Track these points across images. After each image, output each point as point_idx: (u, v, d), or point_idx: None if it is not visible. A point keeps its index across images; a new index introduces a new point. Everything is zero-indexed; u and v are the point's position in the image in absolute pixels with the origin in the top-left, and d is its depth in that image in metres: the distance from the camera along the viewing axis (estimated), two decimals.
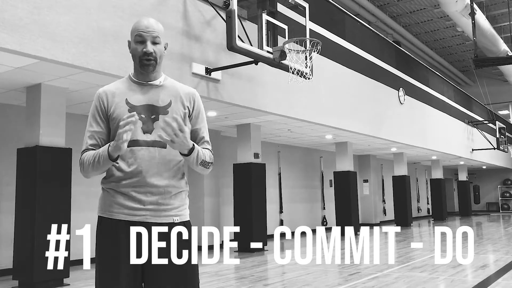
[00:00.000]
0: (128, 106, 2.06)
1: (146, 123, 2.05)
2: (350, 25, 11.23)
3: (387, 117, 12.65)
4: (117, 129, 1.96)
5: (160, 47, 2.10)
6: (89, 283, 6.29)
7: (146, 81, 2.13)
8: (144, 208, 2.02)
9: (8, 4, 4.70)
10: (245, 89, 7.64)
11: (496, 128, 19.74)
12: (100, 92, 2.13)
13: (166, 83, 2.17)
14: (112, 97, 2.10)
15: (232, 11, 6.00)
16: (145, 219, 2.01)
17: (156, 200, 2.03)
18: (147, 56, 2.06)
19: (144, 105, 2.08)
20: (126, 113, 2.02)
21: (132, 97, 2.09)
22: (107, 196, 2.06)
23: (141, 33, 2.06)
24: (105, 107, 2.09)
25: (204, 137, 2.18)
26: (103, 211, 2.06)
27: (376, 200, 17.52)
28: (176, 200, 2.08)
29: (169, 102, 2.10)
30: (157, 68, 2.12)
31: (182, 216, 2.10)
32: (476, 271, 6.71)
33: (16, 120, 7.32)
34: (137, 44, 2.08)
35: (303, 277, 6.42)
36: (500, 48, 17.21)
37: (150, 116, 2.07)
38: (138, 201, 2.01)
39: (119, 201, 2.03)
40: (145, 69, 2.09)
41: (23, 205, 6.12)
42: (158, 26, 2.11)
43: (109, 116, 2.08)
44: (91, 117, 2.12)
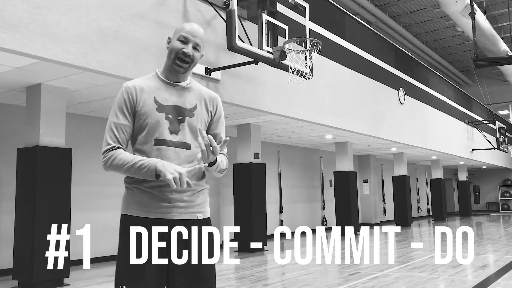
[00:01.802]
0: (156, 105, 2.09)
1: (172, 124, 2.09)
2: (350, 25, 11.23)
3: (387, 117, 12.64)
4: (142, 125, 2.05)
5: (198, 54, 2.16)
6: (89, 283, 6.30)
7: (174, 82, 2.17)
8: (170, 205, 2.06)
9: (8, 4, 4.70)
10: (245, 89, 7.64)
11: (496, 128, 19.74)
12: (130, 86, 2.13)
13: (192, 85, 2.22)
14: (141, 93, 2.11)
15: (232, 11, 6.00)
16: (170, 216, 2.06)
17: (181, 198, 2.08)
18: (185, 56, 2.11)
19: (172, 105, 2.11)
20: (154, 111, 2.07)
21: (160, 96, 2.11)
22: (131, 195, 2.09)
23: (187, 35, 2.12)
24: (134, 102, 2.10)
25: (222, 142, 2.21)
26: (128, 209, 2.09)
27: (376, 200, 17.52)
28: (198, 197, 2.14)
29: (195, 105, 2.16)
30: (188, 72, 2.17)
31: (205, 213, 2.17)
32: (476, 271, 6.71)
33: (16, 120, 7.32)
34: (177, 42, 2.12)
35: (303, 277, 6.42)
36: (500, 48, 17.21)
37: (176, 117, 2.11)
38: (163, 199, 2.05)
39: (144, 199, 2.06)
40: (177, 69, 2.13)
41: (23, 205, 6.12)
42: (202, 34, 2.17)
43: (136, 111, 2.09)
44: (118, 109, 2.10)
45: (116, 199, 8.98)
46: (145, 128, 2.08)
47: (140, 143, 2.09)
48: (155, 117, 2.07)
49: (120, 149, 2.07)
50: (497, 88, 27.89)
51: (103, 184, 8.51)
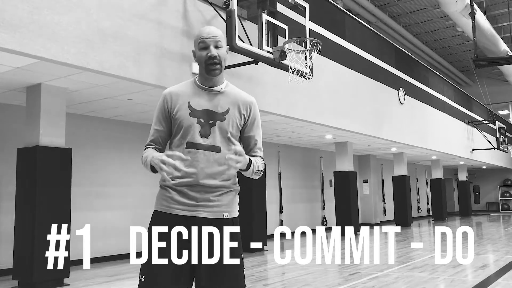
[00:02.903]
0: (190, 110, 2.20)
1: (204, 127, 2.19)
2: (350, 25, 11.23)
3: (387, 117, 12.64)
4: (177, 129, 2.20)
5: (223, 50, 2.23)
6: (89, 283, 6.29)
7: (209, 87, 2.26)
8: (197, 204, 2.16)
9: (8, 4, 4.70)
10: (245, 89, 7.60)
11: (496, 128, 19.74)
12: (166, 93, 2.27)
13: (227, 90, 2.30)
14: (176, 99, 2.23)
15: (232, 11, 6.00)
16: (197, 214, 2.16)
17: (208, 197, 2.17)
18: (212, 59, 2.19)
19: (204, 110, 2.21)
20: (187, 116, 2.19)
21: (194, 101, 2.22)
22: (164, 193, 2.21)
23: (204, 39, 2.19)
24: (169, 108, 2.23)
25: (257, 144, 2.32)
26: (159, 206, 2.22)
27: (376, 200, 17.52)
28: (226, 198, 2.22)
29: (227, 109, 2.24)
30: (222, 74, 2.26)
31: (232, 213, 2.25)
32: (476, 271, 6.71)
33: (16, 120, 7.32)
34: (201, 51, 2.21)
35: (303, 277, 6.42)
36: (500, 48, 17.21)
37: (208, 121, 2.20)
38: (191, 198, 2.16)
39: (175, 197, 2.18)
40: (212, 73, 2.21)
41: (23, 205, 6.11)
42: (218, 31, 2.24)
43: (171, 116, 2.23)
44: (155, 115, 2.28)
45: (116, 199, 9.01)
46: (179, 132, 2.21)
47: (175, 146, 2.23)
48: (187, 121, 2.19)
49: (149, 148, 2.24)
50: (497, 88, 27.89)
51: (103, 184, 8.51)
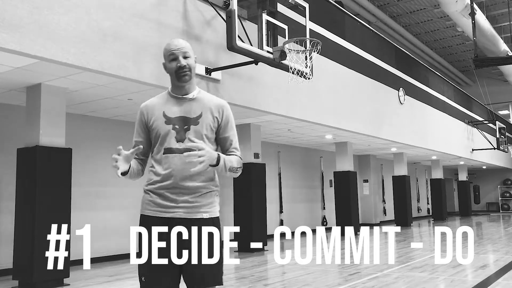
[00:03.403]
0: (165, 118, 2.35)
1: (179, 133, 2.32)
2: (350, 25, 11.23)
3: (387, 117, 12.64)
4: (155, 137, 2.35)
5: (191, 60, 2.38)
6: (89, 283, 6.29)
7: (181, 95, 2.40)
8: (177, 206, 2.29)
9: (8, 4, 4.70)
10: (245, 89, 7.64)
11: (496, 128, 19.73)
12: (142, 107, 2.45)
13: (199, 96, 2.43)
14: (152, 111, 2.40)
15: (232, 11, 6.00)
16: (178, 215, 2.28)
17: (187, 199, 2.29)
18: (182, 69, 2.34)
19: (178, 116, 2.35)
20: (163, 124, 2.34)
21: (168, 110, 2.37)
22: (147, 197, 2.36)
23: (173, 51, 2.35)
24: (146, 120, 2.40)
25: (232, 144, 2.43)
26: (143, 209, 2.36)
27: (376, 200, 17.51)
28: (205, 198, 2.33)
29: (200, 113, 2.36)
30: (192, 81, 2.40)
31: (211, 213, 2.35)
32: (476, 271, 6.71)
33: (16, 120, 7.32)
34: (171, 62, 2.37)
35: (303, 277, 6.42)
36: (500, 48, 17.21)
37: (183, 126, 2.33)
38: (171, 200, 2.29)
39: (156, 200, 2.31)
40: (182, 80, 2.36)
41: (23, 205, 6.11)
42: (186, 44, 2.40)
43: (149, 127, 2.39)
44: (135, 129, 2.46)
45: (116, 199, 9.01)
46: (157, 140, 2.35)
47: (155, 153, 2.37)
48: (164, 129, 2.33)
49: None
50: (497, 88, 27.89)
51: (103, 184, 8.51)
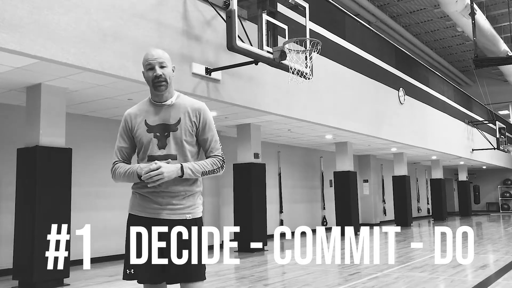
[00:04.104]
0: (146, 127, 2.46)
1: (161, 140, 2.43)
2: (350, 25, 11.23)
3: (387, 117, 12.64)
4: (139, 145, 2.46)
5: (168, 69, 2.48)
6: (89, 283, 6.29)
7: (160, 102, 2.50)
8: (161, 207, 2.42)
9: (8, 4, 4.70)
10: (245, 89, 7.64)
11: (496, 128, 19.73)
12: (126, 115, 2.55)
13: (178, 101, 2.51)
14: (135, 118, 2.50)
15: (232, 11, 6.00)
16: (161, 217, 2.41)
17: (171, 201, 2.42)
18: (158, 78, 2.44)
19: (159, 124, 2.46)
20: (145, 133, 2.45)
21: (149, 118, 2.48)
22: (134, 198, 2.50)
23: (150, 61, 2.46)
24: (130, 128, 2.51)
25: (211, 145, 2.52)
26: (131, 209, 2.50)
27: (376, 200, 17.51)
28: (188, 200, 2.46)
29: (178, 119, 2.46)
30: (169, 89, 2.48)
31: (194, 214, 2.47)
32: (476, 271, 6.71)
33: (16, 120, 7.32)
34: (148, 71, 2.46)
35: (303, 277, 6.42)
36: (500, 48, 17.21)
37: (163, 133, 2.44)
38: (156, 202, 2.42)
39: (141, 202, 2.45)
40: (158, 90, 2.45)
41: (23, 205, 6.11)
42: (163, 54, 2.50)
43: (133, 134, 2.50)
44: (119, 135, 2.55)
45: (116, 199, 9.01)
46: (141, 148, 2.47)
47: (140, 159, 2.50)
48: (146, 137, 2.45)
49: (119, 162, 2.51)
50: (497, 88, 27.88)
51: (103, 184, 8.51)
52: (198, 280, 2.39)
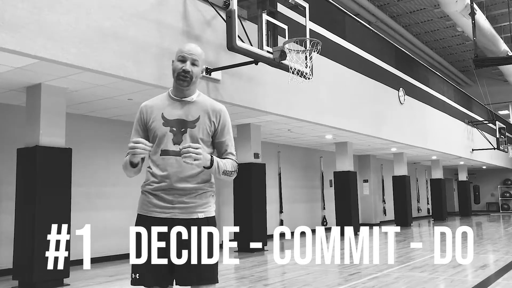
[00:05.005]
0: (163, 120, 2.40)
1: (176, 135, 2.37)
2: (350, 25, 11.23)
3: (387, 117, 12.64)
4: (153, 138, 2.39)
5: (197, 69, 2.43)
6: (89, 283, 6.30)
7: (180, 97, 2.45)
8: (173, 206, 2.34)
9: (8, 4, 4.70)
10: (245, 89, 7.64)
11: (496, 128, 19.73)
12: (142, 107, 2.49)
13: (198, 99, 2.48)
14: (151, 111, 2.44)
15: (232, 11, 6.00)
16: (173, 216, 2.33)
17: (183, 200, 2.35)
18: (185, 73, 2.39)
19: (176, 119, 2.40)
20: (161, 126, 2.39)
21: (166, 111, 2.42)
22: (144, 197, 2.41)
23: (184, 54, 2.40)
24: (145, 120, 2.45)
25: (228, 148, 2.48)
26: (140, 209, 2.41)
27: (376, 200, 17.51)
28: (200, 199, 2.38)
29: (197, 117, 2.41)
30: (192, 87, 2.44)
31: (207, 213, 2.40)
32: (476, 271, 6.72)
33: (16, 120, 7.32)
34: (178, 62, 2.41)
35: (303, 277, 6.42)
36: (500, 48, 17.21)
37: (180, 129, 2.38)
38: (167, 201, 2.35)
39: (152, 201, 2.37)
40: (181, 84, 2.40)
41: (23, 205, 6.12)
42: (200, 52, 2.45)
43: (147, 127, 2.44)
44: (134, 128, 2.49)
45: (116, 199, 9.01)
46: (155, 141, 2.39)
47: (152, 154, 2.39)
48: (161, 131, 2.38)
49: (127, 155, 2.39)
50: (497, 88, 27.88)
51: (103, 184, 8.51)
52: (210, 283, 2.31)
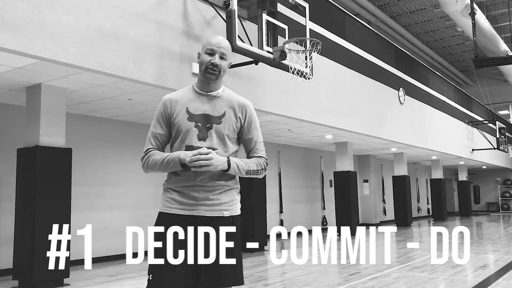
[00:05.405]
0: (188, 115, 2.32)
1: (201, 131, 2.30)
2: (350, 25, 11.23)
3: (387, 117, 12.65)
4: (176, 133, 2.31)
5: (226, 63, 2.37)
6: (89, 283, 6.30)
7: (206, 92, 2.37)
8: (197, 203, 2.27)
9: (8, 4, 4.70)
10: (245, 89, 7.64)
11: (496, 128, 19.73)
12: (166, 99, 2.40)
13: (224, 94, 2.40)
14: (175, 105, 2.36)
15: (232, 11, 6.00)
16: (197, 213, 2.26)
17: (208, 196, 2.27)
18: (213, 66, 2.32)
19: (201, 114, 2.32)
20: (185, 121, 2.31)
21: (191, 106, 2.34)
22: (166, 194, 2.33)
23: (213, 47, 2.34)
24: (169, 113, 2.35)
25: (256, 145, 2.41)
26: (162, 207, 2.33)
27: (376, 200, 17.51)
28: (225, 196, 2.31)
29: (223, 112, 2.35)
30: (218, 81, 2.37)
31: (232, 211, 2.34)
32: (476, 271, 6.72)
33: (16, 120, 7.33)
34: (206, 55, 2.35)
35: (303, 277, 6.42)
36: (500, 48, 17.21)
37: (205, 124, 2.31)
38: (192, 197, 2.27)
39: (175, 197, 2.29)
40: (208, 78, 2.33)
41: (23, 205, 6.12)
42: (228, 47, 2.40)
43: (171, 121, 2.35)
44: (156, 120, 2.38)
45: (116, 199, 9.00)
46: (178, 136, 2.32)
47: (175, 149, 2.33)
48: (186, 126, 2.30)
49: (153, 150, 2.33)
50: (497, 88, 27.88)
51: (103, 184, 8.52)
52: (237, 284, 2.25)
